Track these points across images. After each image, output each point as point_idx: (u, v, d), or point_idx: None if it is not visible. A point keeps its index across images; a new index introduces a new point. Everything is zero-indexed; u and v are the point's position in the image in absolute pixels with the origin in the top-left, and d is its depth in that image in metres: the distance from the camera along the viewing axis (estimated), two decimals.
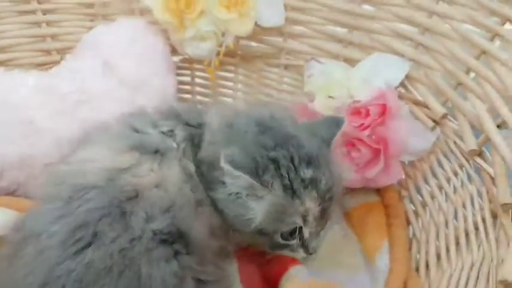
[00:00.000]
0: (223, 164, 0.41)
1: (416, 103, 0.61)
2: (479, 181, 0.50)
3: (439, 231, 0.53)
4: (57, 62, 0.71)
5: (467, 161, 0.53)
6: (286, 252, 0.49)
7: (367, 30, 0.65)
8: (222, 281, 0.43)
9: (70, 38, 0.74)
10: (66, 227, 0.35)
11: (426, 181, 0.59)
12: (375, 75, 0.60)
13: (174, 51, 0.72)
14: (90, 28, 0.72)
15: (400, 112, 0.57)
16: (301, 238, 0.47)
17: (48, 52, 0.74)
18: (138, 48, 0.67)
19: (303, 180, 0.44)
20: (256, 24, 0.67)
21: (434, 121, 0.58)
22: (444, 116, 0.57)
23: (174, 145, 0.45)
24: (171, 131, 0.46)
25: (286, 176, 0.43)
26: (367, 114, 0.57)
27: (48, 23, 0.73)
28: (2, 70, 0.64)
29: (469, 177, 0.52)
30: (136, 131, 0.45)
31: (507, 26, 0.51)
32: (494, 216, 0.46)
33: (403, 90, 0.63)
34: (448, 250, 0.50)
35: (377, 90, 0.57)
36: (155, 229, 0.36)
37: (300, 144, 0.45)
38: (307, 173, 0.44)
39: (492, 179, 0.48)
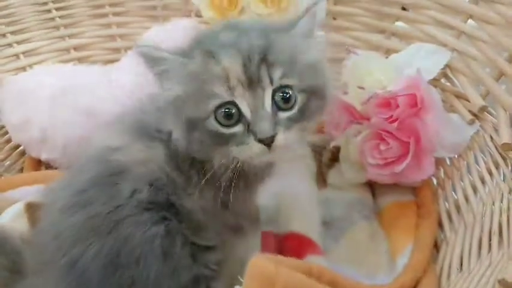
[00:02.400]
0: (141, 48, 0.39)
1: (457, 95, 0.56)
2: None
3: (466, 233, 0.49)
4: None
5: (504, 159, 0.48)
6: (237, 150, 0.39)
7: (409, 20, 0.62)
8: (223, 247, 0.44)
9: (135, 38, 0.83)
10: (67, 193, 0.41)
11: (462, 179, 0.54)
12: (410, 65, 0.57)
13: None
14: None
15: (434, 103, 0.54)
16: (244, 121, 0.38)
17: (117, 50, 0.84)
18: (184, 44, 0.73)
19: (223, 43, 0.38)
20: None
21: (473, 114, 0.53)
22: (483, 109, 0.52)
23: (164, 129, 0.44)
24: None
25: (208, 42, 0.39)
26: (397, 105, 0.55)
27: (118, 25, 0.84)
28: (73, 65, 0.75)
29: (504, 176, 0.47)
30: (138, 120, 0.46)
31: None
32: None
33: (445, 82, 0.59)
34: (470, 253, 0.46)
35: (408, 79, 0.55)
36: (140, 199, 0.40)
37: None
38: (231, 35, 0.39)
39: None
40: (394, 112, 0.55)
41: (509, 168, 0.46)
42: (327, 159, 0.72)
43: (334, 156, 0.69)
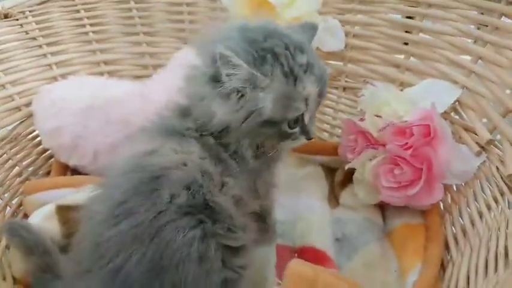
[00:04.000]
0: (223, 51, 0.41)
1: (466, 128, 0.62)
2: None
3: (472, 254, 0.53)
4: (150, 76, 0.85)
5: (509, 188, 0.53)
6: (289, 143, 0.48)
7: (423, 57, 0.68)
8: (250, 248, 0.47)
9: (164, 57, 0.88)
10: (108, 205, 0.43)
11: (469, 206, 0.59)
12: (423, 99, 0.63)
13: None
14: (180, 49, 0.86)
15: (445, 134, 0.59)
16: (302, 125, 0.47)
17: (145, 67, 0.89)
18: None
19: (301, 66, 0.44)
20: (317, 48, 0.74)
21: (480, 146, 0.59)
22: (490, 142, 0.58)
23: (190, 124, 0.47)
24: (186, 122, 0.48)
25: (285, 63, 0.44)
26: (411, 134, 0.60)
27: (148, 43, 0.89)
28: (106, 78, 0.79)
29: (509, 204, 0.52)
30: (163, 123, 0.49)
31: None
32: None
33: (454, 115, 0.64)
34: (476, 273, 0.50)
35: (423, 111, 0.60)
36: (179, 203, 0.42)
37: (287, 34, 0.46)
38: (303, 58, 0.45)
39: None
40: (408, 140, 0.60)
41: None
42: (339, 180, 0.76)
43: (347, 178, 0.74)
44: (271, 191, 0.55)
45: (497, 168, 0.55)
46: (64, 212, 0.63)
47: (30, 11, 0.80)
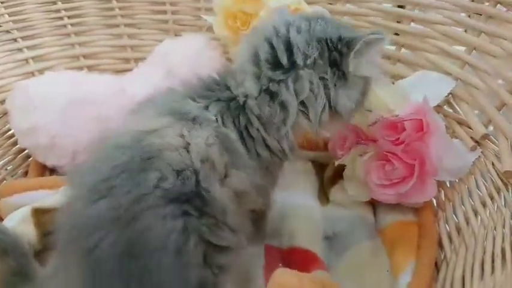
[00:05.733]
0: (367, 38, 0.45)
1: (460, 122, 0.59)
2: None
3: (467, 254, 0.51)
4: (132, 70, 0.82)
5: (505, 184, 0.51)
6: None
7: (415, 48, 0.65)
8: (236, 250, 0.44)
9: (146, 50, 0.85)
10: (92, 180, 0.40)
11: (463, 203, 0.57)
12: (415, 92, 0.60)
13: (231, 63, 0.79)
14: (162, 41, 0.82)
15: (438, 129, 0.56)
16: None
17: (127, 60, 0.85)
18: (197, 59, 0.75)
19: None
20: None
21: (475, 141, 0.56)
22: (485, 137, 0.55)
23: (212, 117, 0.45)
24: (207, 106, 0.46)
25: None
26: (403, 129, 0.57)
27: (130, 36, 0.85)
28: (85, 73, 0.76)
29: (505, 201, 0.50)
30: (176, 101, 0.46)
31: None
32: None
33: (448, 109, 0.62)
34: (472, 274, 0.48)
35: (415, 105, 0.58)
36: (165, 188, 0.38)
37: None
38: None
39: None
40: (400, 135, 0.57)
41: (510, 193, 0.49)
42: (329, 176, 0.74)
43: (337, 174, 0.71)
44: (274, 189, 0.54)
45: (493, 164, 0.53)
46: (40, 215, 0.60)
47: (2, 2, 0.76)
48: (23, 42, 0.78)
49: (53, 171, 0.74)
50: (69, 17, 0.82)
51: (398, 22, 0.67)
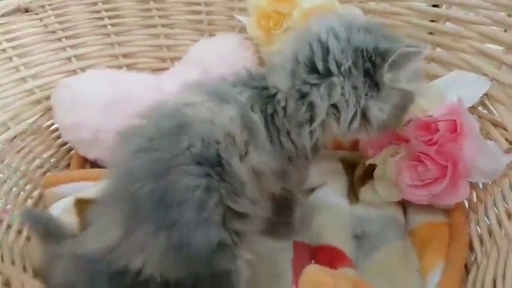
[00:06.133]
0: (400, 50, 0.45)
1: (495, 123, 0.59)
2: None
3: (499, 258, 0.51)
4: (168, 69, 0.85)
5: None
6: None
7: (450, 48, 0.64)
8: (254, 219, 0.48)
9: (181, 49, 0.87)
10: (140, 139, 0.46)
11: (496, 205, 0.56)
12: (450, 92, 0.60)
13: (262, 62, 0.81)
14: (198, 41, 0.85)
15: (472, 130, 0.56)
16: None
17: (163, 60, 0.88)
18: (231, 59, 0.77)
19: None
20: None
21: (510, 143, 0.55)
22: None
23: (243, 100, 0.48)
24: (241, 91, 0.50)
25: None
26: (437, 129, 0.57)
27: (166, 36, 0.88)
28: (124, 72, 0.79)
29: None
30: (217, 84, 0.51)
31: None
32: None
33: (483, 110, 0.61)
34: (504, 279, 0.48)
35: (449, 105, 0.57)
36: (194, 152, 0.44)
37: None
38: None
39: None
40: (433, 136, 0.57)
41: None
42: (359, 175, 0.74)
43: (367, 173, 0.72)
44: (302, 184, 0.57)
45: None
46: (82, 205, 0.64)
47: (49, 5, 0.80)
48: (66, 42, 0.83)
49: (93, 164, 0.77)
50: (109, 18, 0.86)
51: (432, 21, 0.67)
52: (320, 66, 0.48)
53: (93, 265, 0.47)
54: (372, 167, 0.68)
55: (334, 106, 0.48)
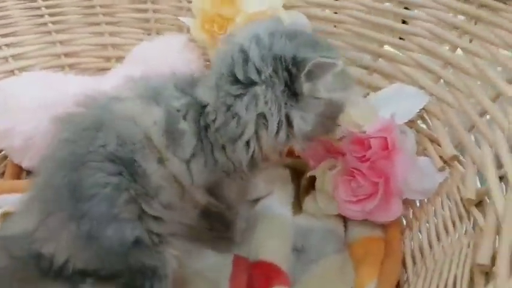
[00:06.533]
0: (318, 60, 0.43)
1: (431, 139, 0.57)
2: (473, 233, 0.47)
3: (426, 279, 0.50)
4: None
5: (467, 212, 0.49)
6: None
7: (391, 60, 0.63)
8: (171, 225, 0.47)
9: (127, 48, 0.83)
10: (70, 127, 0.46)
11: (428, 224, 0.55)
12: (389, 105, 0.58)
13: (209, 66, 0.78)
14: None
15: (404, 148, 0.55)
16: None
17: (108, 59, 0.85)
18: (174, 60, 0.74)
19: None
20: None
21: (444, 161, 0.54)
22: (454, 158, 0.53)
23: (177, 105, 0.47)
24: (179, 97, 0.48)
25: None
26: (369, 146, 0.56)
27: (111, 34, 0.84)
28: (61, 73, 0.75)
29: (466, 231, 0.48)
30: (156, 83, 0.49)
31: None
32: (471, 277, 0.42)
33: (421, 124, 0.60)
34: None
35: (382, 121, 0.56)
36: (108, 150, 0.44)
37: None
38: None
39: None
40: (366, 152, 0.56)
41: (471, 222, 0.47)
42: (304, 184, 0.73)
43: (311, 184, 0.70)
44: (243, 196, 0.56)
45: (458, 188, 0.51)
46: (8, 218, 0.61)
47: None
48: (2, 40, 0.78)
49: (30, 173, 0.74)
50: (50, 15, 0.82)
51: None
52: (240, 75, 0.45)
53: (11, 248, 0.46)
54: (315, 178, 0.67)
55: (263, 116, 0.46)
